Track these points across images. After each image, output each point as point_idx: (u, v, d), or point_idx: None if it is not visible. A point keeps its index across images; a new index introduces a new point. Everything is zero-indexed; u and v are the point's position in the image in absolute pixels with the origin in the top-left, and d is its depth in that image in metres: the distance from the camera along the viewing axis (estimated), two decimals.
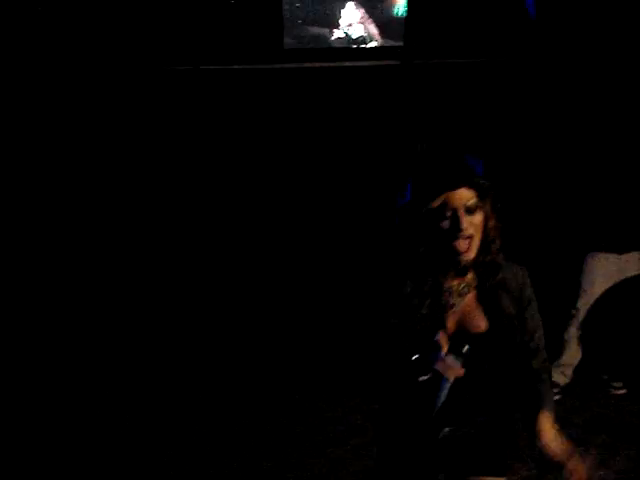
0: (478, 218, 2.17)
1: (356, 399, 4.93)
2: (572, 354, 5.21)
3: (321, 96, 5.92)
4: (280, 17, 5.88)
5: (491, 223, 2.21)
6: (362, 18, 5.78)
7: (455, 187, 2.14)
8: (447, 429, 2.32)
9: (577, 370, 5.32)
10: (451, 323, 2.26)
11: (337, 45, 5.90)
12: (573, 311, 5.19)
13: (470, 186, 2.15)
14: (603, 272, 5.06)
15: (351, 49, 5.90)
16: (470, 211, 2.15)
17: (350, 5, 5.79)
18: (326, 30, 5.85)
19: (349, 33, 5.82)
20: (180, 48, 5.91)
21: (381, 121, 5.78)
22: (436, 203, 2.15)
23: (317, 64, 5.91)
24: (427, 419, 2.26)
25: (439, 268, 2.20)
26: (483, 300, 2.27)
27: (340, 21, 5.84)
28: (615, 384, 5.27)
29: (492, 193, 2.21)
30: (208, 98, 6.00)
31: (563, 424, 4.74)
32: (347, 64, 5.90)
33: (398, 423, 2.40)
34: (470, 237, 2.15)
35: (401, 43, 5.72)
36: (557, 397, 5.17)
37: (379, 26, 5.81)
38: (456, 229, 2.12)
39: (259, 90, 6.01)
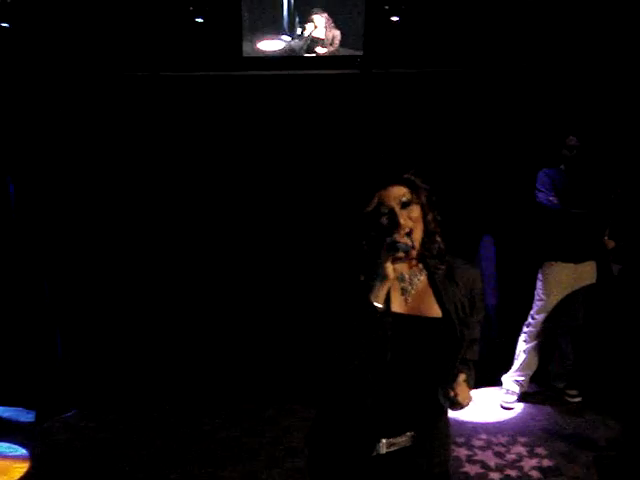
0: (415, 212, 2.23)
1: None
2: (528, 363, 5.26)
3: (279, 104, 5.91)
4: (239, 24, 5.84)
5: (430, 216, 2.28)
6: (325, 25, 5.75)
7: (385, 185, 2.22)
8: (384, 441, 2.29)
9: (533, 378, 5.38)
10: (404, 308, 2.28)
11: (297, 52, 5.87)
12: (529, 320, 5.25)
13: (400, 183, 2.23)
14: (559, 281, 5.13)
15: (310, 58, 5.88)
16: (405, 206, 2.21)
17: (313, 12, 5.75)
18: (286, 37, 5.83)
19: (310, 40, 5.80)
20: (139, 54, 5.84)
21: (340, 129, 5.78)
22: (372, 204, 2.22)
23: (275, 72, 5.90)
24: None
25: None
26: (435, 288, 2.31)
27: (301, 28, 5.81)
28: (570, 392, 5.33)
29: (424, 187, 2.27)
30: (167, 104, 5.95)
31: (519, 432, 4.83)
32: (306, 72, 5.89)
33: (335, 430, 2.37)
34: (410, 231, 2.21)
35: (360, 52, 5.73)
36: (513, 405, 5.24)
37: (342, 34, 5.78)
38: (395, 225, 2.18)
39: (218, 97, 5.98)
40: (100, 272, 5.87)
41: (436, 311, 2.28)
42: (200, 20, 5.76)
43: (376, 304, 2.16)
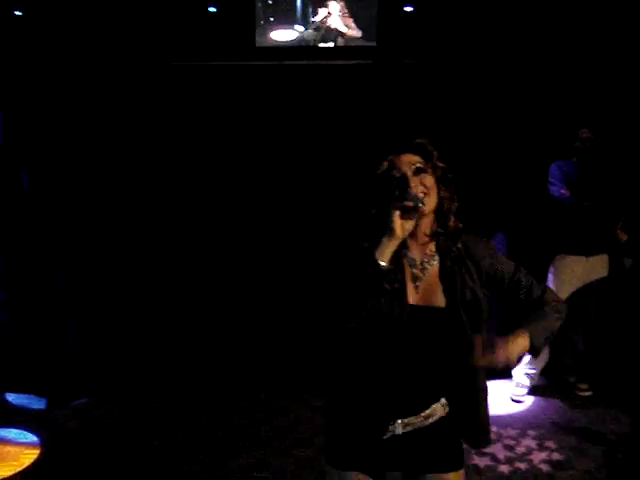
0: (429, 180, 2.23)
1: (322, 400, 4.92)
2: (539, 356, 5.23)
3: (293, 94, 5.90)
4: (252, 14, 5.83)
5: (444, 192, 2.26)
6: (340, 13, 5.72)
7: (399, 152, 2.24)
8: (400, 421, 2.30)
9: (543, 372, 5.36)
10: (414, 297, 2.26)
11: (310, 42, 5.84)
12: None
13: (413, 150, 2.24)
14: (571, 274, 5.11)
15: (322, 48, 5.86)
16: (418, 172, 2.21)
17: (331, 7, 5.72)
18: (299, 27, 5.80)
19: (324, 30, 5.77)
20: (152, 44, 5.84)
21: (353, 120, 5.77)
22: (382, 168, 2.23)
23: (288, 62, 5.88)
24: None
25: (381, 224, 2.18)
26: (445, 275, 2.28)
27: (315, 18, 5.79)
28: (581, 386, 5.31)
29: (440, 163, 2.27)
30: (180, 94, 5.95)
31: (529, 425, 4.81)
32: (319, 62, 5.87)
33: (347, 408, 2.36)
34: (423, 193, 2.19)
35: (373, 42, 5.70)
36: (523, 398, 5.22)
37: (356, 24, 5.74)
38: (406, 187, 2.17)
39: (230, 87, 5.97)
40: (111, 264, 5.88)
41: (441, 302, 2.26)
42: (213, 10, 5.76)
43: (380, 262, 2.13)
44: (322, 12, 5.71)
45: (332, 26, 5.70)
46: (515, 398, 5.24)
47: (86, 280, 5.72)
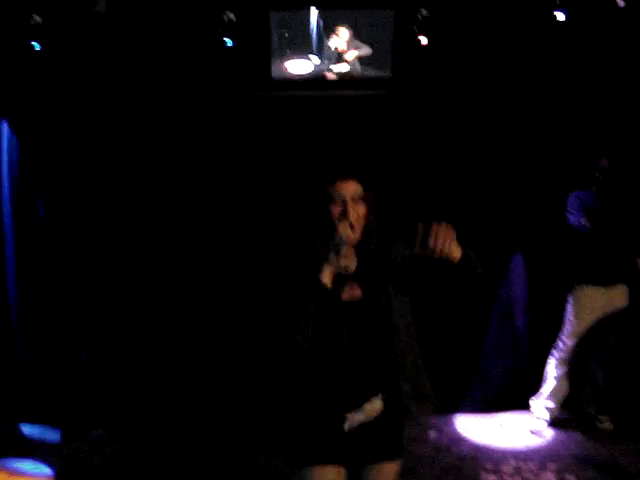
0: (362, 209, 2.58)
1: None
2: (559, 389, 5.17)
3: (308, 125, 5.91)
4: (268, 47, 5.87)
5: (372, 216, 2.63)
6: (348, 39, 5.74)
7: (346, 177, 2.57)
8: (347, 416, 2.58)
9: (563, 403, 5.28)
10: (343, 294, 2.61)
11: (324, 70, 5.86)
12: (560, 344, 5.17)
13: (358, 179, 2.56)
14: (590, 305, 5.05)
15: (338, 80, 5.88)
16: (354, 201, 2.56)
17: (341, 33, 5.74)
18: (314, 57, 5.82)
19: (336, 54, 5.80)
20: (170, 77, 5.86)
21: (368, 151, 5.76)
22: (329, 189, 2.55)
23: (304, 93, 5.90)
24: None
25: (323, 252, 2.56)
26: (361, 273, 2.63)
27: (329, 51, 5.81)
28: (602, 419, 5.22)
29: (374, 190, 2.61)
30: (198, 124, 5.96)
31: (549, 458, 4.72)
32: (334, 93, 5.89)
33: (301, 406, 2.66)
34: (355, 223, 2.55)
35: (389, 73, 5.71)
36: (543, 431, 5.14)
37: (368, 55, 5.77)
38: (343, 215, 2.54)
39: (248, 119, 5.98)
40: (129, 296, 5.85)
41: (358, 294, 2.60)
42: (229, 42, 5.79)
43: (325, 284, 2.51)
44: (333, 41, 5.74)
45: (341, 50, 5.74)
46: (534, 431, 5.16)
47: (102, 310, 5.71)
